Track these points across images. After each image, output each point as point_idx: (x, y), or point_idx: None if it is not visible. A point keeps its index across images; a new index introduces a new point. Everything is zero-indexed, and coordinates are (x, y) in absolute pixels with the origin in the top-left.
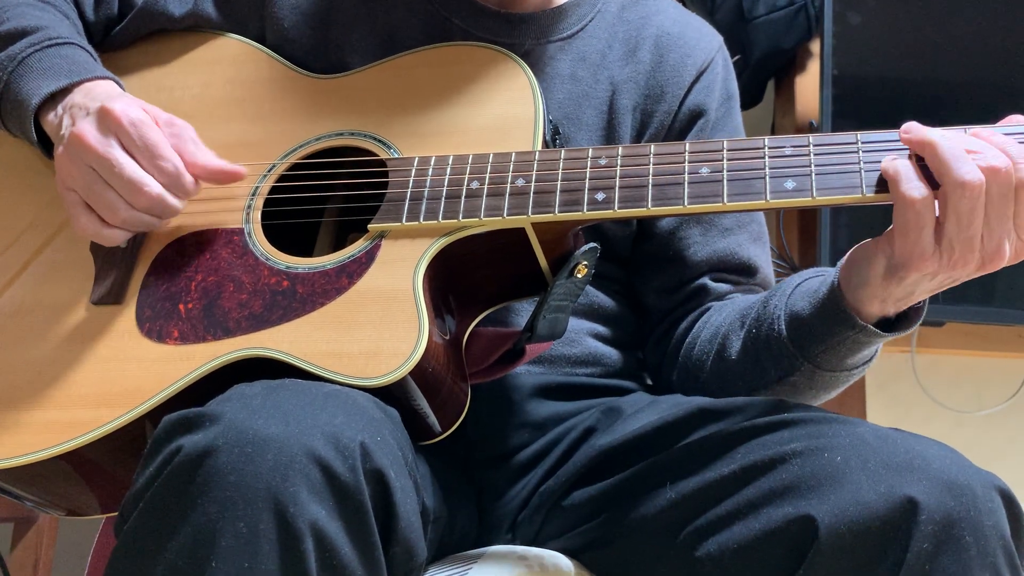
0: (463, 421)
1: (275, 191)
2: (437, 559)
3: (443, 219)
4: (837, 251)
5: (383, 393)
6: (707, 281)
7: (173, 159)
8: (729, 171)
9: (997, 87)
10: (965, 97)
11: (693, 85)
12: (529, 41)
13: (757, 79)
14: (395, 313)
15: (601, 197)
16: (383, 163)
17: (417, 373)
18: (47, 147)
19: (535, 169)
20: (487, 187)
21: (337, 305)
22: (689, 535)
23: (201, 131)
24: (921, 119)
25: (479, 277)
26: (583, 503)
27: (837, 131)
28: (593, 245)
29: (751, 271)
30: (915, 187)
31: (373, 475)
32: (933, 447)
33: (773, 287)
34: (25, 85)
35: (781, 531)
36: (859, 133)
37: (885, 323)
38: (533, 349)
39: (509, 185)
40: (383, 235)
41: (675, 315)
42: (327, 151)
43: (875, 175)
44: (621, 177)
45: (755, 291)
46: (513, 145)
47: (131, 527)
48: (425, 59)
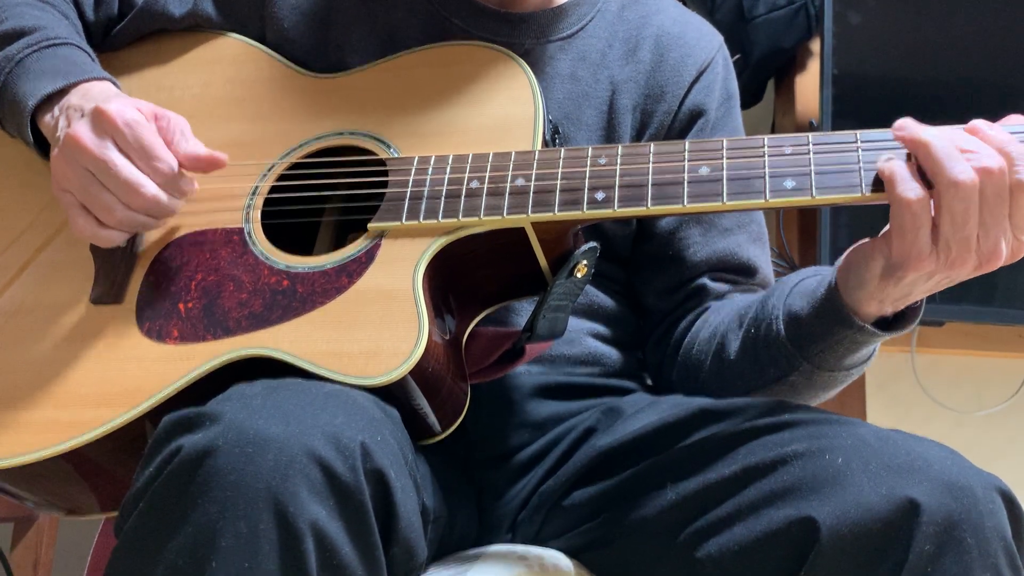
0: (463, 421)
1: (275, 190)
2: (437, 559)
3: (443, 218)
4: (837, 251)
5: (383, 393)
6: (707, 281)
7: (168, 159)
8: (729, 170)
9: (997, 87)
10: (965, 97)
11: (693, 85)
12: (529, 41)
13: (757, 79)
14: (395, 313)
15: (601, 196)
16: (383, 162)
17: (417, 373)
18: (44, 148)
19: (535, 168)
20: (487, 186)
21: (337, 304)
22: (690, 536)
23: (201, 131)
24: (921, 119)
25: (479, 276)
26: (583, 503)
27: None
28: (593, 244)
29: (751, 271)
30: (910, 188)
31: (373, 475)
32: (934, 448)
33: (771, 286)
34: (22, 86)
35: (782, 532)
36: (858, 132)
37: (883, 322)
38: (533, 349)
39: (509, 184)
40: (383, 234)
41: (675, 315)
42: (327, 150)
43: (874, 174)
44: (621, 176)
45: (755, 291)
46: (513, 145)
47: (131, 527)
48: (425, 59)
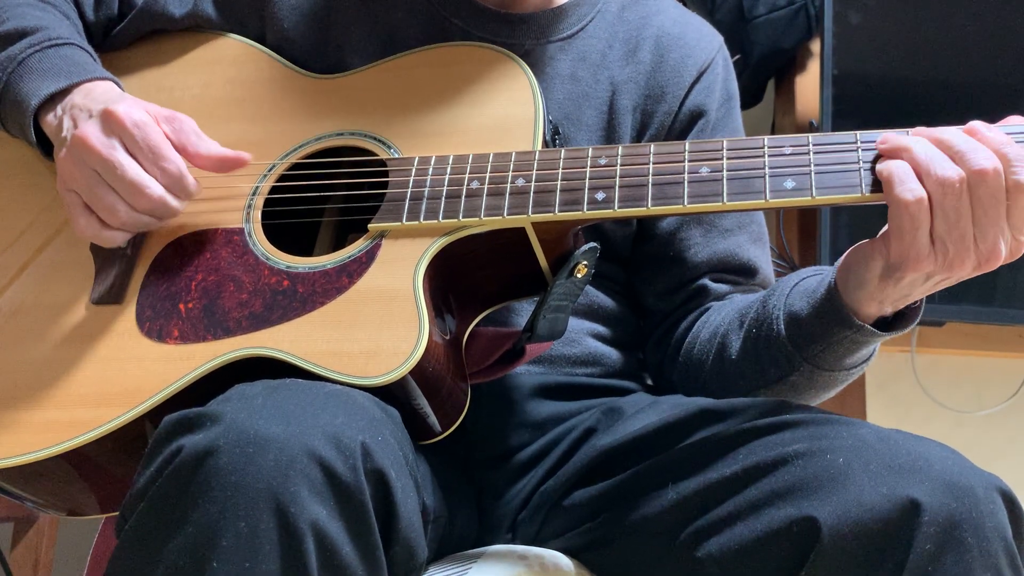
0: (463, 421)
1: (275, 191)
2: (437, 559)
3: (443, 219)
4: (837, 251)
5: (383, 393)
6: (707, 282)
7: (176, 161)
8: (729, 170)
9: (997, 87)
10: (965, 97)
11: (693, 85)
12: (529, 41)
13: (757, 79)
14: (395, 313)
15: (601, 197)
16: (383, 163)
17: (417, 373)
18: (46, 148)
19: (535, 169)
20: (487, 187)
21: (337, 304)
22: (690, 535)
23: (201, 131)
24: (921, 119)
25: (479, 277)
26: (583, 503)
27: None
28: (593, 245)
29: (751, 272)
30: (908, 189)
31: (374, 475)
32: (935, 448)
33: (771, 286)
34: (25, 86)
35: (783, 532)
36: (858, 133)
37: (883, 322)
38: (533, 349)
39: (509, 185)
40: (383, 235)
41: (675, 316)
42: (327, 151)
43: (874, 175)
44: (621, 177)
45: (755, 291)
46: (513, 145)
47: (132, 527)
48: (425, 59)
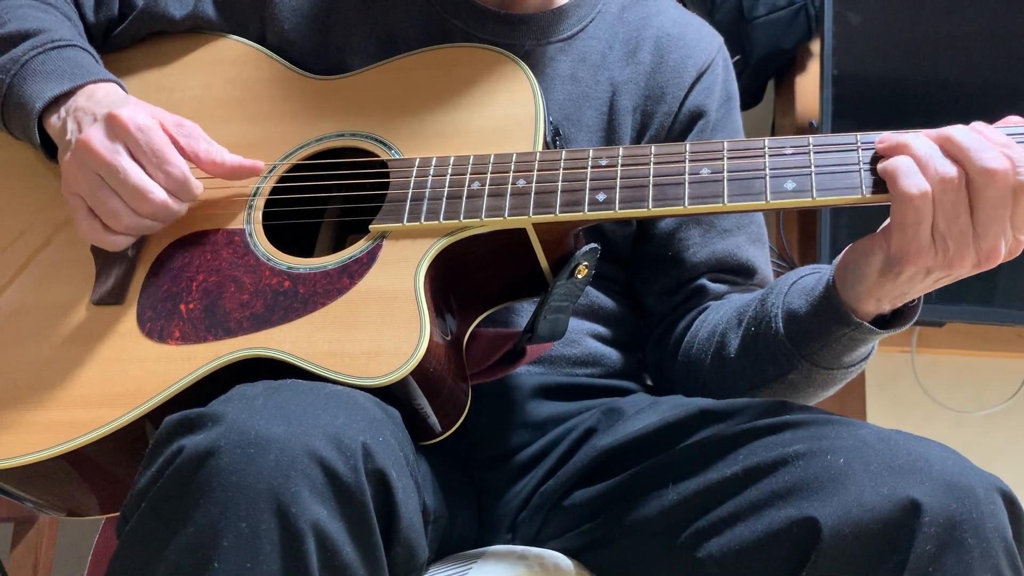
0: (464, 421)
1: (276, 191)
2: (437, 559)
3: (444, 219)
4: (837, 251)
5: (384, 393)
6: (706, 282)
7: (180, 164)
8: (729, 171)
9: (997, 87)
10: (965, 97)
11: (693, 86)
12: (529, 42)
13: (757, 79)
14: (396, 313)
15: (602, 198)
16: (384, 164)
17: (418, 373)
18: (50, 150)
19: (536, 170)
20: (488, 188)
21: (338, 305)
22: (690, 536)
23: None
24: (921, 119)
25: (480, 277)
26: (584, 503)
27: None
28: (594, 246)
29: (750, 272)
30: (913, 183)
31: (375, 475)
32: (935, 449)
33: (770, 285)
34: (28, 88)
35: (783, 533)
36: (859, 134)
37: (881, 321)
38: (534, 350)
39: (510, 186)
40: (384, 235)
41: (674, 315)
42: (328, 152)
43: (874, 176)
44: (622, 178)
45: (753, 292)
46: (514, 146)
47: (133, 527)
48: (425, 60)
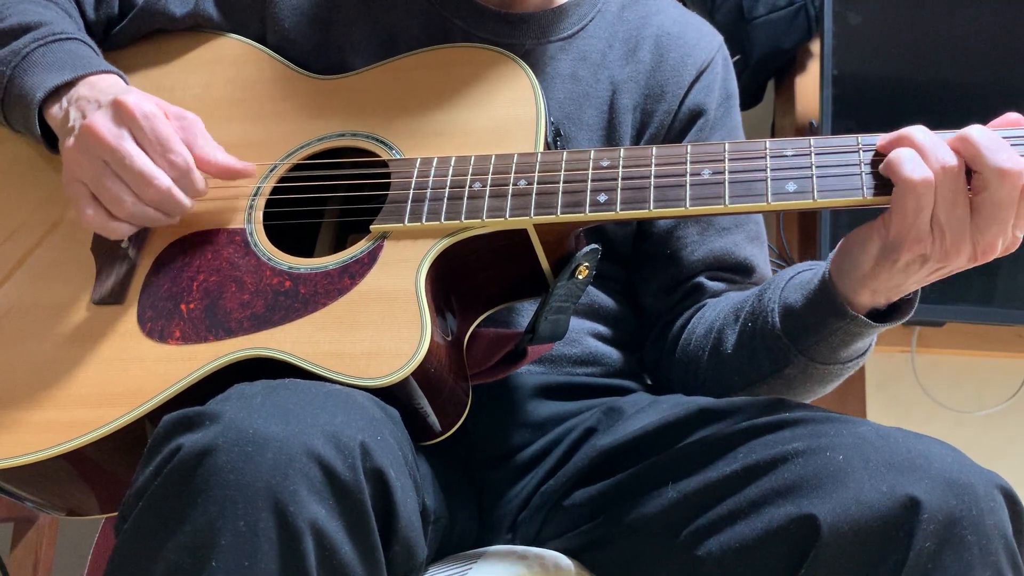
0: (464, 421)
1: (277, 191)
2: (438, 559)
3: (445, 220)
4: None
5: (385, 393)
6: (703, 280)
7: (184, 153)
8: (731, 173)
9: (997, 87)
10: (965, 97)
11: (693, 85)
12: (530, 41)
13: (757, 79)
14: (397, 314)
15: (603, 199)
16: (385, 164)
17: (419, 374)
18: (50, 142)
19: (537, 170)
20: (489, 188)
21: (339, 305)
22: (690, 535)
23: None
24: (921, 119)
25: (481, 278)
26: (584, 503)
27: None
28: (595, 247)
29: (748, 270)
30: (916, 169)
31: (373, 474)
32: (935, 446)
33: (767, 281)
34: (29, 79)
35: (783, 530)
36: (859, 136)
37: (876, 315)
38: (535, 350)
39: (511, 186)
40: (385, 236)
41: (672, 313)
42: (329, 152)
43: (875, 178)
44: (623, 179)
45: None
46: (515, 146)
47: (131, 526)
48: (426, 60)
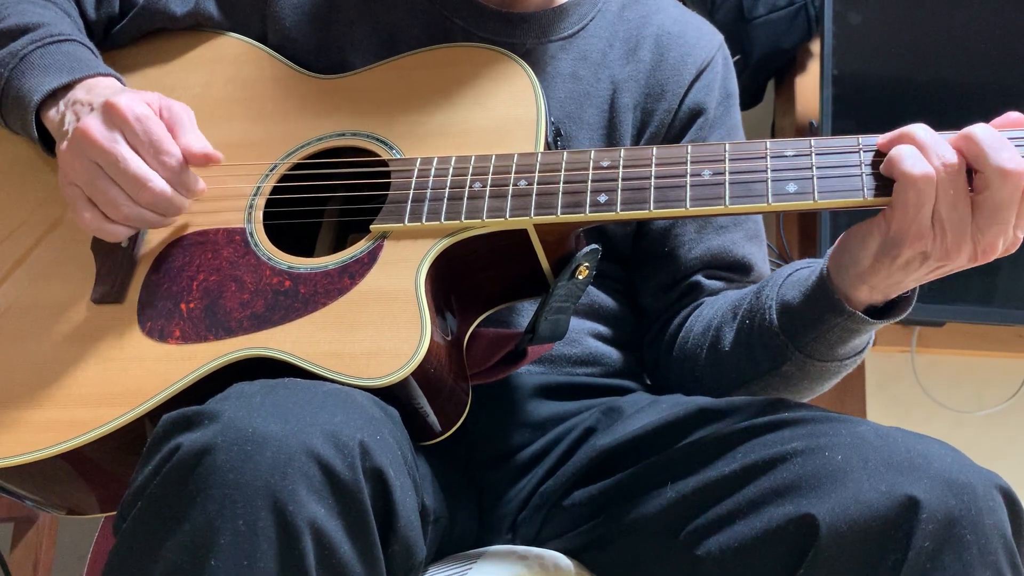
0: (464, 421)
1: (277, 191)
2: (437, 559)
3: (445, 220)
4: None
5: (384, 393)
6: (701, 279)
7: (178, 155)
8: (731, 174)
9: (997, 87)
10: (965, 97)
11: (693, 84)
12: (530, 40)
13: (757, 79)
14: (397, 314)
15: (603, 199)
16: (385, 163)
17: (419, 374)
18: (48, 144)
19: (537, 171)
20: (489, 188)
21: (339, 305)
22: (690, 534)
23: (202, 130)
24: (921, 119)
25: (481, 278)
26: (583, 503)
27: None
28: (595, 247)
29: (746, 269)
30: (916, 164)
31: (372, 474)
32: (934, 446)
33: (765, 279)
34: (27, 81)
35: (782, 530)
36: (860, 136)
37: (874, 313)
38: (535, 351)
39: (511, 187)
40: (385, 235)
41: (670, 312)
42: (329, 151)
43: (876, 179)
44: (623, 179)
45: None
46: (515, 146)
47: (130, 525)
48: (426, 60)
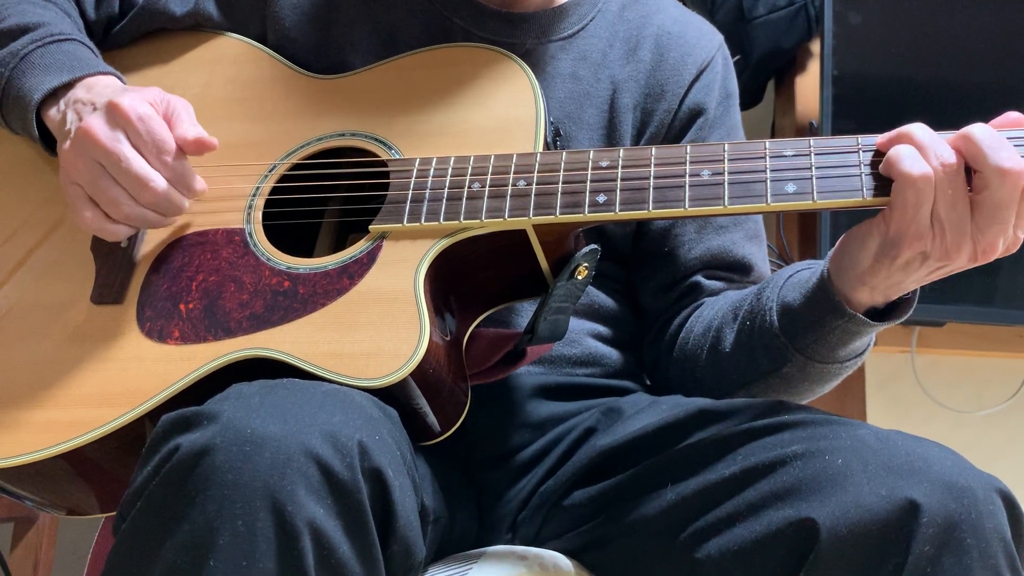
0: (463, 421)
1: (276, 191)
2: (437, 559)
3: (444, 220)
4: None
5: (384, 393)
6: (701, 279)
7: (180, 156)
8: (730, 174)
9: (997, 87)
10: (965, 97)
11: (693, 84)
12: (530, 41)
13: (757, 79)
14: (396, 314)
15: (602, 199)
16: (384, 164)
17: (418, 374)
18: (48, 143)
19: (536, 171)
20: (488, 188)
21: (338, 306)
22: (689, 536)
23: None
24: (921, 119)
25: (480, 278)
26: (583, 503)
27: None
28: (594, 247)
29: (746, 269)
30: (915, 165)
31: (371, 474)
32: (934, 449)
33: (766, 280)
34: (27, 81)
35: (782, 533)
36: (859, 136)
37: (875, 315)
38: (534, 351)
39: (510, 187)
40: (384, 236)
41: (669, 313)
42: (328, 151)
43: (875, 179)
44: (622, 180)
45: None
46: (514, 146)
47: (129, 526)
48: (426, 60)
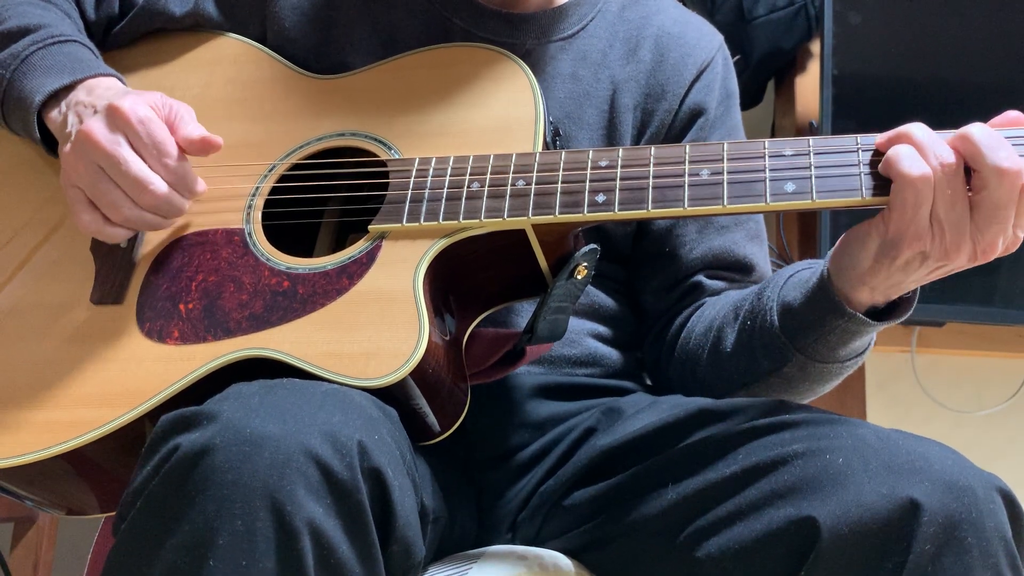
0: (463, 421)
1: (276, 191)
2: (437, 559)
3: (443, 220)
4: None
5: (383, 393)
6: (702, 279)
7: (181, 157)
8: (729, 173)
9: (997, 87)
10: (965, 97)
11: (693, 84)
12: (530, 41)
13: (757, 79)
14: (395, 314)
15: (601, 199)
16: (384, 164)
17: (417, 374)
18: (50, 145)
19: (535, 171)
20: (487, 188)
21: (337, 306)
22: (690, 536)
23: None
24: (921, 119)
25: (479, 278)
26: (583, 503)
27: (837, 131)
28: (593, 247)
29: (747, 269)
30: (915, 165)
31: (371, 474)
32: (935, 448)
33: (767, 280)
34: (28, 83)
35: (782, 532)
36: (858, 136)
37: (875, 314)
38: (534, 350)
39: (509, 187)
40: (383, 236)
41: (671, 312)
42: (328, 151)
43: (874, 178)
44: (621, 179)
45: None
46: (513, 146)
47: (129, 526)
48: (426, 60)
